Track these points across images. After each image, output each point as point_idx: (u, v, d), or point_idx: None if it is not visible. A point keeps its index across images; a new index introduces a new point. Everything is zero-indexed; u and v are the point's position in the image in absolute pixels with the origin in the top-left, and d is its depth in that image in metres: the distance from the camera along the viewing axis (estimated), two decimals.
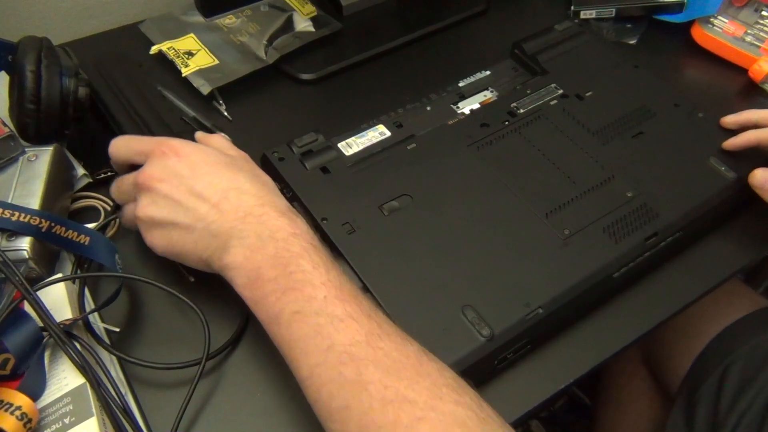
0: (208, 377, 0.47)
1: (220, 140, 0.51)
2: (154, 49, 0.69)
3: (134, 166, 0.48)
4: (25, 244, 0.47)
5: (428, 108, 0.60)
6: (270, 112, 0.66)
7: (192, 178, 0.45)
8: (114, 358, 0.48)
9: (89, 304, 0.49)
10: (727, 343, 0.64)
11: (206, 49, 0.69)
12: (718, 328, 0.65)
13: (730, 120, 0.57)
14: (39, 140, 0.54)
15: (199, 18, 0.63)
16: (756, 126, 0.55)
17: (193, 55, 0.68)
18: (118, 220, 0.56)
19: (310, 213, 0.51)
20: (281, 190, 0.54)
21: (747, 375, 0.60)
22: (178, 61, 0.67)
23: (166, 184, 0.44)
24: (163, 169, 0.45)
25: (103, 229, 0.55)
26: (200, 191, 0.44)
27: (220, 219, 0.43)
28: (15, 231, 0.47)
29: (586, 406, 1.04)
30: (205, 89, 0.66)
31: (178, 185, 0.44)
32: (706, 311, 0.67)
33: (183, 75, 0.66)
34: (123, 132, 0.60)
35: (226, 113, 0.65)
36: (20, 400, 0.40)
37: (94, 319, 0.49)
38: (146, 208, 0.45)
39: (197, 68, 0.67)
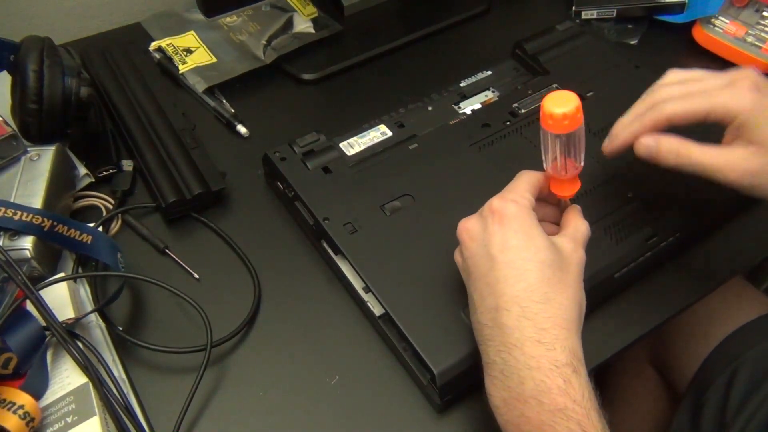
0: (210, 377, 0.48)
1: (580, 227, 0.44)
2: (153, 45, 0.69)
3: None
4: (27, 243, 0.47)
5: (430, 108, 0.60)
6: (272, 112, 0.66)
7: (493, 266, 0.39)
8: (116, 357, 0.48)
9: (91, 303, 0.50)
10: (736, 346, 0.63)
11: (205, 47, 0.70)
12: (727, 331, 0.65)
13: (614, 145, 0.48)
14: (41, 140, 0.54)
15: (201, 15, 0.64)
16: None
17: (191, 52, 0.69)
18: (119, 218, 0.56)
19: (311, 213, 0.51)
20: (283, 190, 0.55)
21: (755, 379, 0.59)
22: (176, 58, 0.68)
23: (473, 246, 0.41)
24: (480, 228, 0.41)
25: (105, 228, 0.55)
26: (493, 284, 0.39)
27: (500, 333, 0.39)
28: (17, 230, 0.47)
29: None
30: (201, 87, 0.66)
31: (480, 257, 0.40)
32: (715, 314, 0.67)
33: (180, 72, 0.67)
34: (127, 129, 0.60)
35: (229, 106, 0.66)
36: (23, 399, 0.40)
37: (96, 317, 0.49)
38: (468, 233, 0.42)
39: (194, 65, 0.67)
